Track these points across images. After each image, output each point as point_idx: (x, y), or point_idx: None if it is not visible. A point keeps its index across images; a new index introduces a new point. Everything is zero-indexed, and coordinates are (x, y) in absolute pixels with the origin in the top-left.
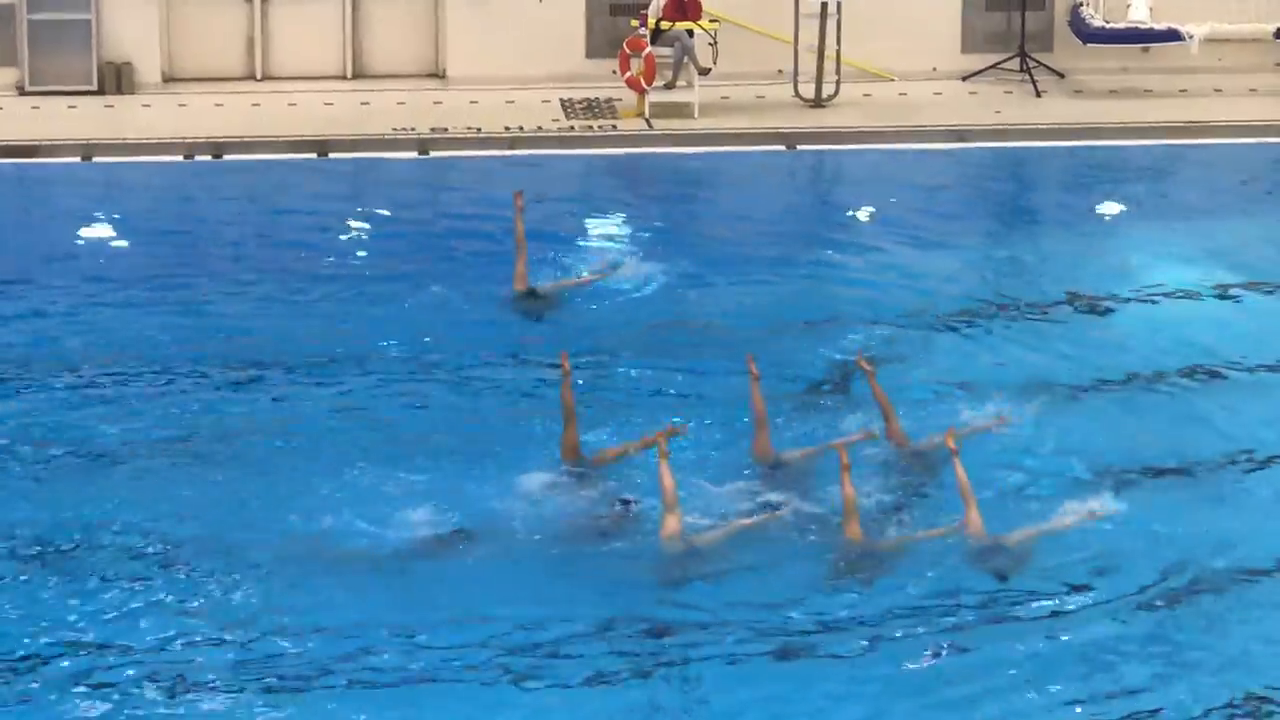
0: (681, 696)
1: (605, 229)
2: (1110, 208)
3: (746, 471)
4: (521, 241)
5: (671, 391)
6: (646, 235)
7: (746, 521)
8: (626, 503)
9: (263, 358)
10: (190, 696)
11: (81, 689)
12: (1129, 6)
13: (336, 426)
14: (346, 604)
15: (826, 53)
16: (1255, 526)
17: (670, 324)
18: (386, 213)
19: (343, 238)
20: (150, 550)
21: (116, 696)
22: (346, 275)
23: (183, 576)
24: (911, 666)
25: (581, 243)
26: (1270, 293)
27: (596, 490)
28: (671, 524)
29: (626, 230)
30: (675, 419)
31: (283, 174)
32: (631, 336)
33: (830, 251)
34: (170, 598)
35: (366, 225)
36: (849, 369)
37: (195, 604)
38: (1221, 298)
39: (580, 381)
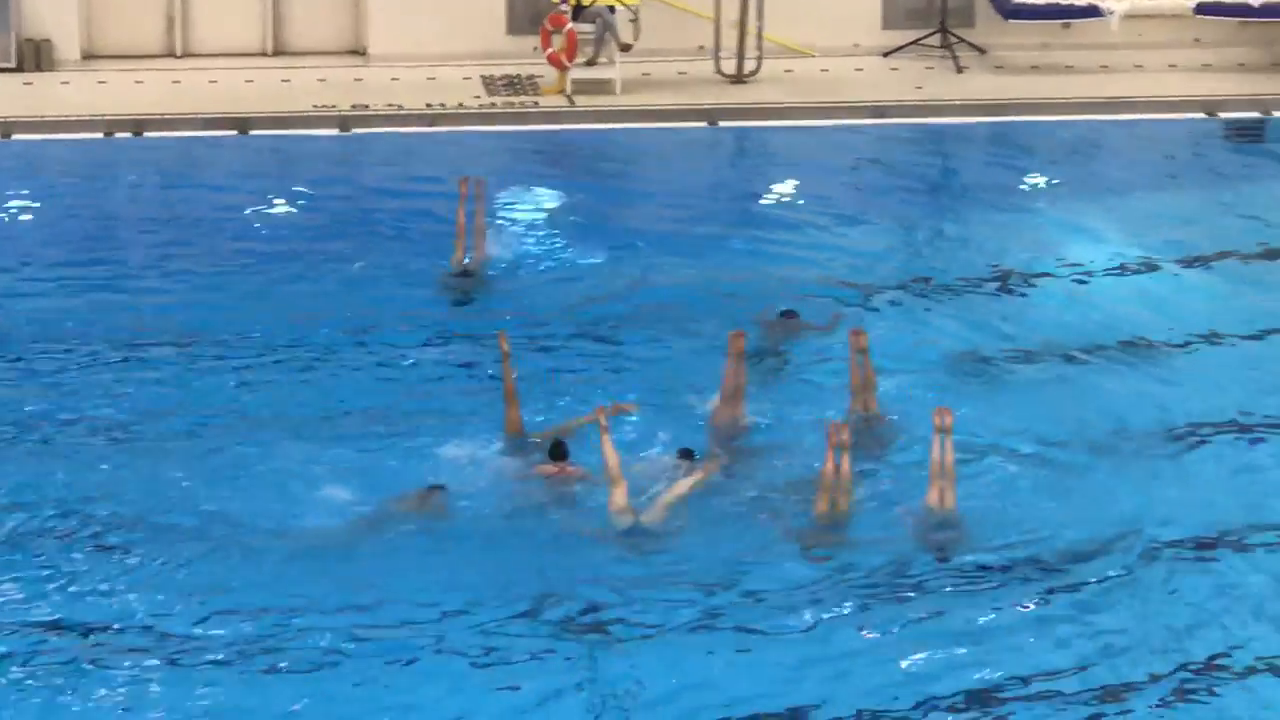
0: (625, 674)
1: (528, 206)
2: (1031, 183)
3: (689, 442)
4: (462, 228)
5: (601, 366)
6: (570, 212)
7: (686, 483)
8: (559, 455)
9: (184, 335)
10: (119, 677)
11: (17, 672)
12: None
13: (261, 404)
14: (275, 584)
15: (748, 29)
16: (1190, 498)
17: (596, 300)
18: (308, 190)
19: (264, 215)
20: (72, 530)
21: (58, 680)
22: (268, 252)
23: (103, 556)
24: (865, 640)
25: (505, 220)
26: (1190, 266)
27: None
28: (618, 498)
29: (550, 207)
30: (626, 395)
31: (203, 151)
32: (559, 313)
33: (752, 227)
34: (92, 577)
35: (288, 202)
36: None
37: (111, 584)
38: (1142, 272)
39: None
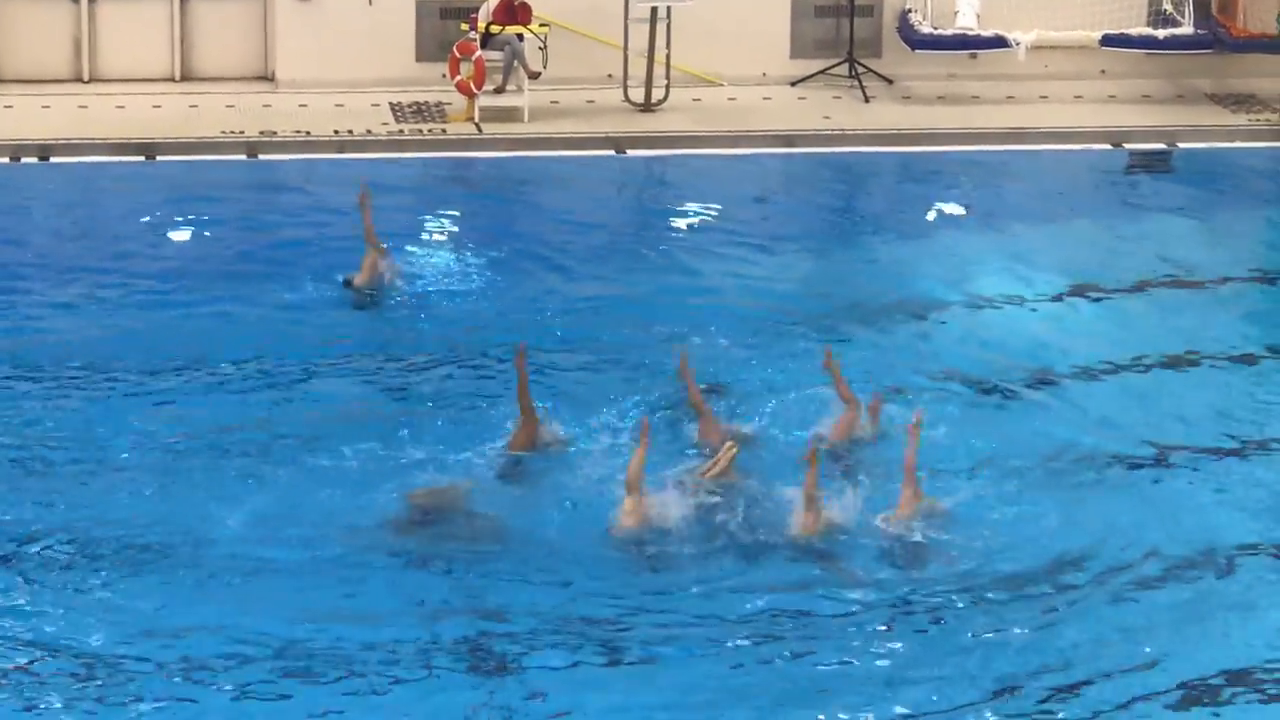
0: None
1: (435, 233)
2: (937, 213)
3: None
4: (370, 237)
5: (507, 388)
6: (476, 239)
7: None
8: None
9: (89, 362)
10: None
11: None
12: (956, 13)
13: (165, 431)
14: (180, 608)
15: (656, 57)
16: (1106, 524)
17: (496, 327)
18: (214, 216)
19: (171, 241)
20: None
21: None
22: (174, 278)
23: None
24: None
25: (411, 247)
26: (1097, 297)
27: None
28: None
29: (456, 234)
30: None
31: (110, 177)
32: (457, 337)
33: (659, 256)
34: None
35: (194, 228)
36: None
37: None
38: (1047, 302)
39: (417, 381)
